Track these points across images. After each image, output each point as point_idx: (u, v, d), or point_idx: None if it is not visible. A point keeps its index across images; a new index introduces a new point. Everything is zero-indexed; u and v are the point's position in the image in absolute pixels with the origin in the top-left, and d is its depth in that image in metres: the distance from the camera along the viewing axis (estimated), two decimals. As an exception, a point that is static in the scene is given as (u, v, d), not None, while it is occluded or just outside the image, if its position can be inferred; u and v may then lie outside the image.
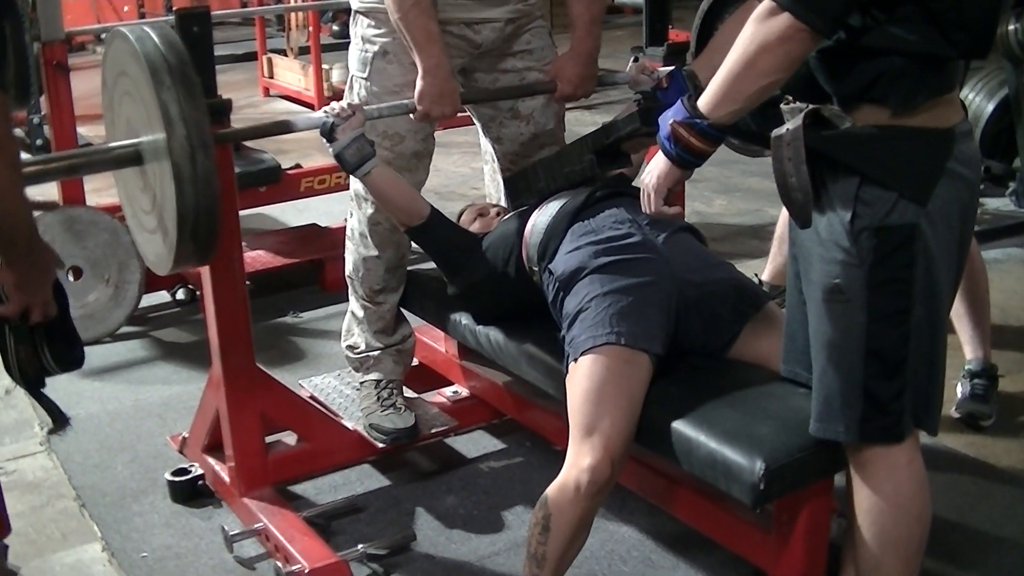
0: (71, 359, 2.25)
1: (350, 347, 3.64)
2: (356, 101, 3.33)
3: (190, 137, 2.43)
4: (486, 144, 3.63)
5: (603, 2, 3.40)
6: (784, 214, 2.32)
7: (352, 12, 3.38)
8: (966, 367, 3.82)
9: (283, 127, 3.09)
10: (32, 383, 2.23)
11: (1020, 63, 5.46)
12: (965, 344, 3.82)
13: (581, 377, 2.61)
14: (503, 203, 3.52)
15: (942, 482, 3.32)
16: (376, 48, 3.27)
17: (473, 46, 3.33)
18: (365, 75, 3.32)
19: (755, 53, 2.16)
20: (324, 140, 3.05)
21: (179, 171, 2.42)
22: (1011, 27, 5.23)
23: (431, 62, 3.08)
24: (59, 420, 2.31)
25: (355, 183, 3.36)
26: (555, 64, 3.38)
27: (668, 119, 2.37)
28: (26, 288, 2.04)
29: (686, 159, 2.40)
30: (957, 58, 2.21)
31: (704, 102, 2.30)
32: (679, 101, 2.36)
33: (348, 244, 3.53)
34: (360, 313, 3.58)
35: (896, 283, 2.21)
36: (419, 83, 3.10)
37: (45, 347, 2.19)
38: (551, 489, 2.57)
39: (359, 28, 3.35)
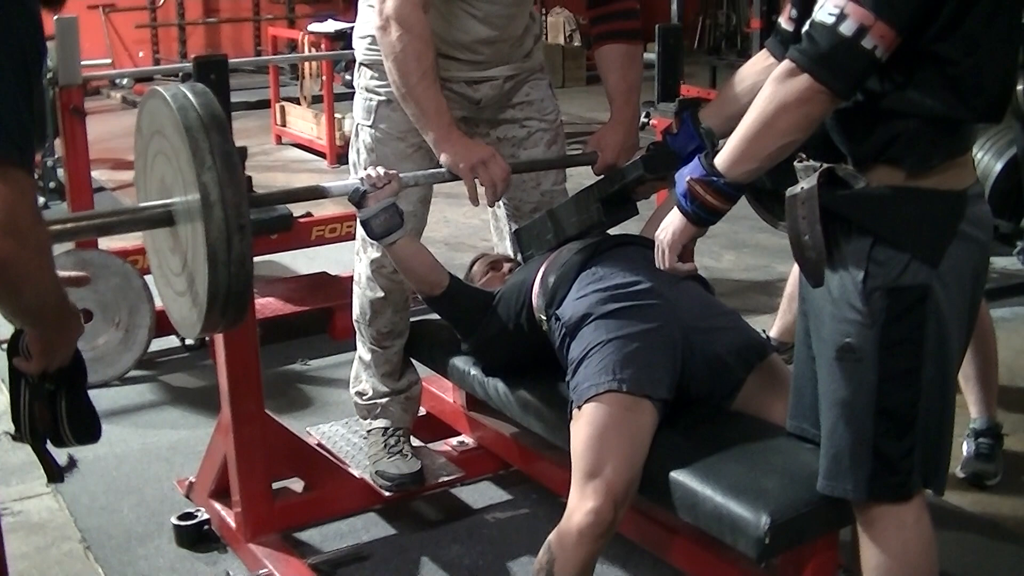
0: (89, 433, 2.24)
1: (358, 393, 3.65)
2: (361, 148, 3.37)
3: (228, 220, 2.38)
4: None
5: (639, 71, 3.38)
6: (796, 271, 2.33)
7: (356, 64, 3.41)
8: (971, 426, 3.81)
9: (316, 192, 3.05)
10: (38, 438, 2.22)
11: (1029, 123, 5.48)
12: (971, 403, 3.82)
13: (584, 424, 2.62)
14: (510, 252, 3.54)
15: (948, 540, 3.31)
16: (381, 97, 3.30)
17: (472, 102, 3.36)
18: (370, 123, 3.35)
19: (774, 113, 2.18)
20: (355, 206, 3.00)
21: (214, 254, 2.38)
22: (1020, 87, 5.26)
23: (441, 132, 3.05)
24: (55, 476, 2.29)
25: (360, 229, 3.39)
26: (596, 135, 3.35)
27: (685, 176, 2.39)
28: (51, 354, 2.03)
29: (702, 216, 2.41)
30: (973, 122, 2.23)
31: (721, 160, 2.31)
32: (696, 159, 2.38)
33: (355, 288, 3.55)
34: (367, 357, 3.60)
35: (908, 343, 2.22)
36: (441, 158, 3.06)
37: (65, 420, 2.18)
38: (554, 534, 2.57)
39: (363, 80, 3.38)
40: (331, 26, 9.07)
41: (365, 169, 3.27)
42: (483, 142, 3.22)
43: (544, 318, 2.95)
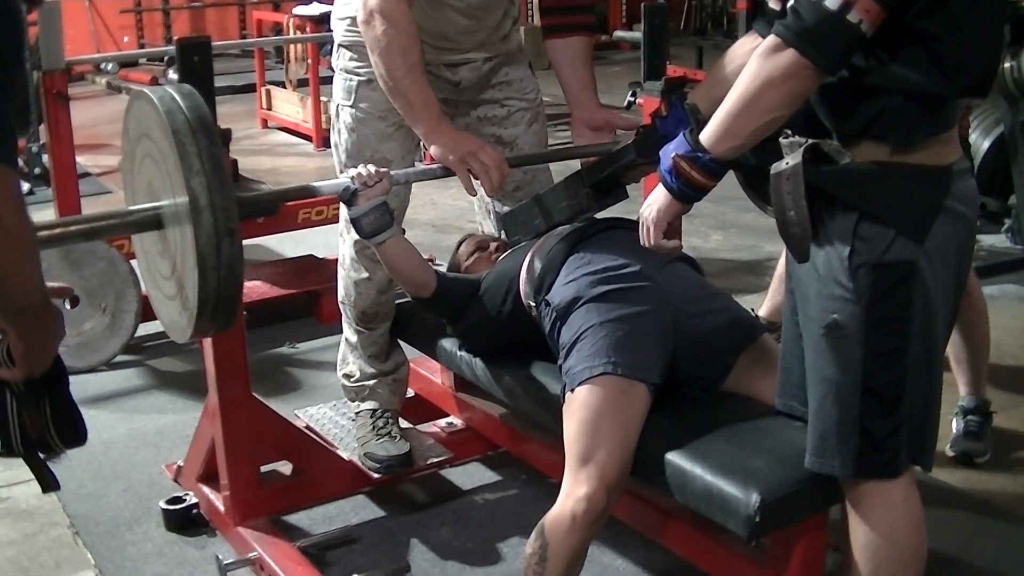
0: (76, 435, 2.21)
1: (346, 375, 3.64)
2: (343, 129, 3.36)
3: (217, 226, 2.35)
4: None
5: (591, 64, 3.43)
6: (786, 251, 2.33)
7: (335, 45, 3.40)
8: (960, 404, 3.82)
9: (306, 192, 3.02)
10: (31, 447, 2.18)
11: (1016, 101, 5.49)
12: (960, 382, 3.83)
13: (577, 407, 2.61)
14: (495, 232, 3.53)
15: (937, 518, 3.32)
16: (361, 77, 3.30)
17: (452, 84, 3.36)
18: (350, 103, 3.34)
19: (759, 89, 2.17)
20: (344, 204, 2.99)
21: (204, 260, 2.35)
22: (1007, 65, 5.27)
23: (430, 124, 3.03)
24: (51, 485, 2.25)
25: (344, 211, 3.38)
26: (582, 118, 3.36)
27: (670, 152, 2.37)
28: (35, 357, 1.99)
29: (687, 193, 2.39)
30: (958, 97, 2.22)
31: (706, 136, 2.30)
32: (681, 135, 2.36)
33: (339, 271, 3.55)
34: (353, 339, 3.59)
35: (893, 320, 2.22)
36: (431, 149, 3.05)
37: (50, 424, 2.15)
38: (547, 519, 2.57)
39: (342, 61, 3.38)
40: (316, 9, 8.99)
41: (347, 152, 3.27)
42: (471, 134, 3.20)
43: (533, 304, 2.94)
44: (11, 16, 1.74)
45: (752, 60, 2.19)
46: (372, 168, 2.94)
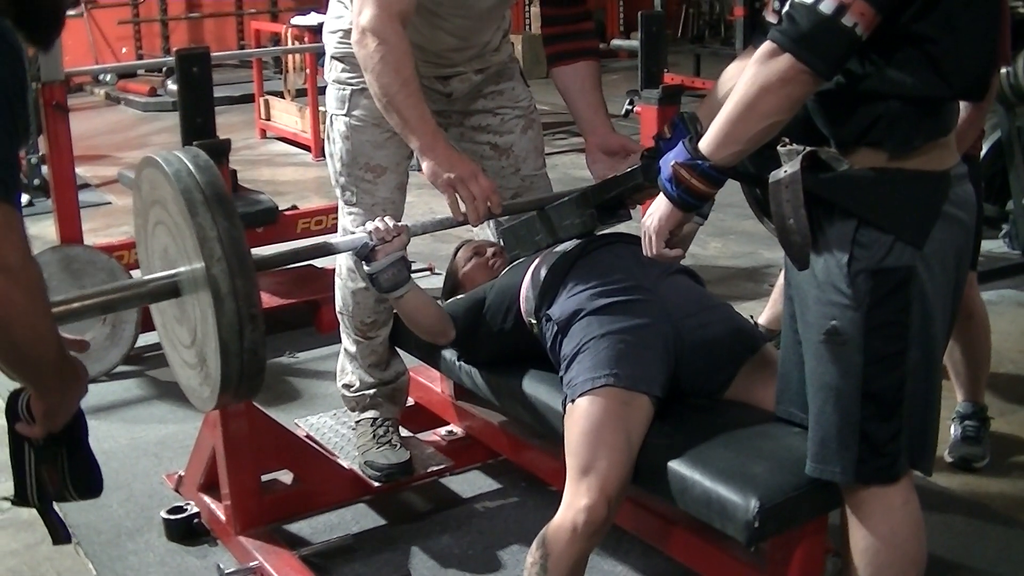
0: (92, 488, 2.18)
1: (346, 386, 3.65)
2: (337, 138, 3.36)
3: (239, 312, 2.33)
4: None
5: (600, 87, 3.42)
6: (785, 259, 2.33)
7: (328, 58, 3.41)
8: (957, 409, 3.83)
9: (322, 250, 2.99)
10: (47, 502, 2.17)
11: (1012, 107, 5.50)
12: (957, 387, 3.84)
13: (579, 418, 2.61)
14: (492, 237, 3.54)
15: (936, 523, 3.33)
16: (354, 87, 3.30)
17: (444, 96, 3.37)
18: (344, 111, 3.35)
19: (756, 95, 2.18)
20: (361, 260, 2.91)
21: (226, 346, 2.34)
22: (1003, 71, 5.27)
23: (426, 139, 2.99)
24: (63, 538, 2.24)
25: (342, 220, 3.39)
26: (597, 144, 3.32)
27: (669, 161, 2.38)
28: (57, 415, 1.95)
29: (688, 201, 2.39)
30: (954, 99, 2.24)
31: (705, 144, 2.30)
32: (680, 143, 2.36)
33: (337, 281, 3.55)
34: (353, 348, 3.60)
35: (893, 326, 2.23)
36: (424, 165, 3.00)
37: (68, 478, 2.11)
38: (548, 529, 2.57)
39: (334, 73, 3.38)
40: (314, 19, 9.02)
41: (342, 161, 3.27)
42: (453, 141, 3.20)
43: (534, 321, 2.94)
44: (14, 57, 1.72)
45: (749, 66, 2.20)
46: (391, 222, 2.90)
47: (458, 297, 3.27)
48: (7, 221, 1.66)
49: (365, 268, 2.91)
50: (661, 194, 2.44)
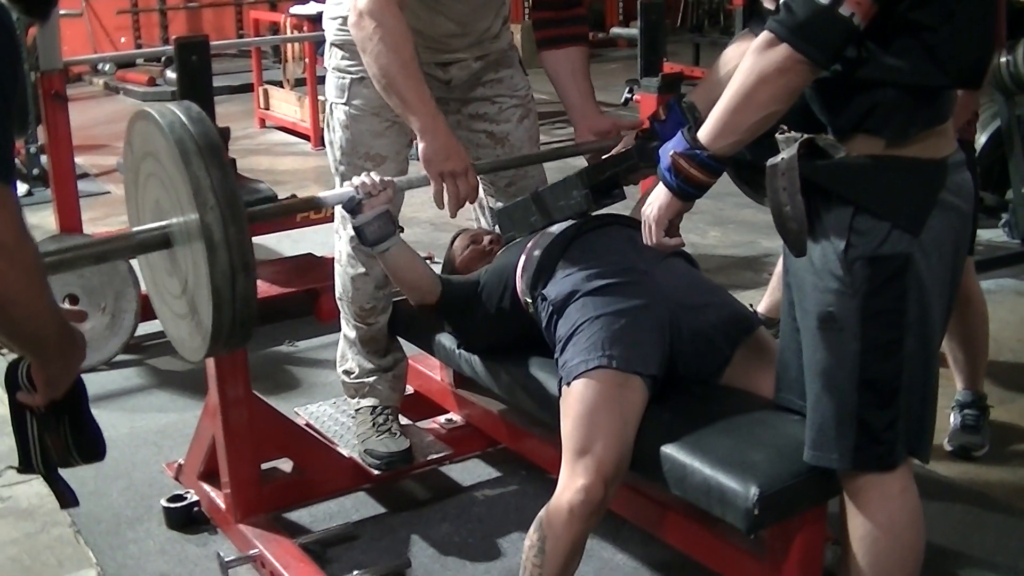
0: (94, 451, 2.20)
1: (345, 372, 3.65)
2: (336, 127, 3.37)
3: (232, 260, 2.32)
4: None
5: (589, 74, 3.46)
6: (783, 246, 2.34)
7: (327, 45, 3.41)
8: (956, 398, 3.83)
9: (311, 204, 3.03)
10: (52, 469, 2.18)
11: (1012, 96, 5.50)
12: (957, 376, 3.84)
13: (573, 401, 2.63)
14: (495, 227, 3.54)
15: (936, 511, 3.34)
16: (353, 75, 3.30)
17: (443, 83, 3.37)
18: (344, 100, 3.35)
19: (754, 85, 2.18)
20: (348, 214, 2.99)
21: (219, 294, 2.33)
22: (1003, 60, 5.28)
23: (427, 120, 3.00)
24: (70, 501, 2.25)
25: (340, 208, 3.39)
26: (586, 127, 3.39)
27: (668, 151, 2.38)
28: (59, 383, 1.98)
29: (687, 191, 2.40)
30: (951, 87, 2.24)
31: (704, 133, 2.31)
32: (679, 133, 2.37)
33: (336, 267, 3.56)
34: (352, 334, 3.61)
35: (889, 313, 2.23)
36: (420, 146, 3.01)
37: (71, 443, 2.14)
38: (545, 511, 2.58)
39: (334, 60, 3.38)
40: (313, 8, 8.99)
41: (342, 150, 3.28)
42: (462, 147, 3.21)
43: (529, 300, 2.95)
44: (7, 38, 1.72)
45: (747, 56, 2.20)
46: (376, 177, 2.94)
47: (454, 276, 3.30)
48: (4, 203, 1.66)
49: (352, 221, 2.97)
50: (660, 183, 2.44)
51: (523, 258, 3.01)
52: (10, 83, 1.72)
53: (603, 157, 3.17)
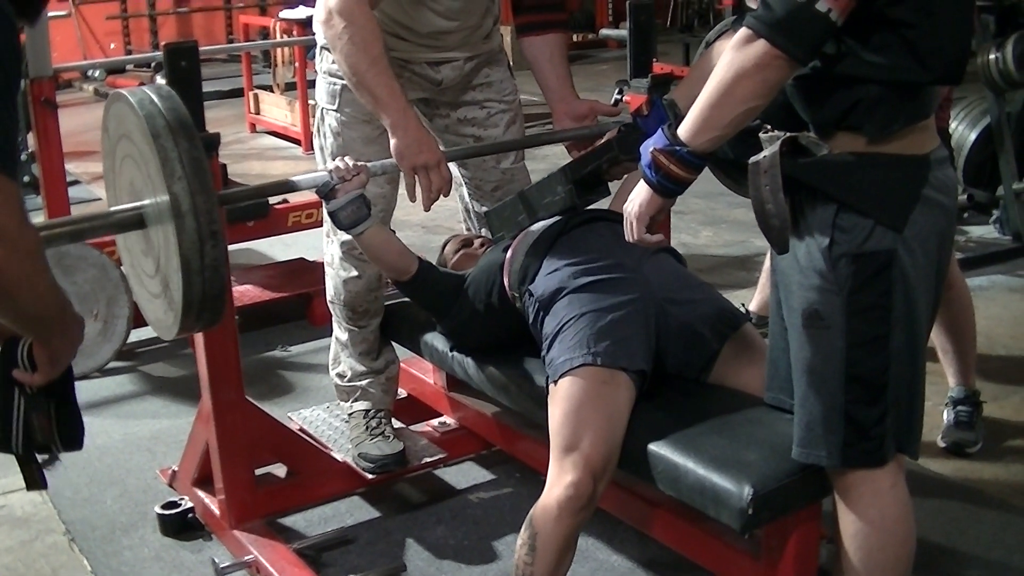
0: (75, 440, 2.21)
1: (338, 375, 3.66)
2: (327, 133, 3.38)
3: (200, 229, 2.35)
4: (454, 170, 3.65)
5: (567, 59, 3.51)
6: (769, 244, 2.35)
7: (318, 48, 3.40)
8: (949, 395, 3.83)
9: (285, 187, 3.05)
10: (31, 450, 2.19)
11: (1002, 92, 5.52)
12: (948, 372, 3.84)
13: (560, 398, 2.64)
14: (483, 231, 3.55)
15: (930, 507, 3.35)
16: (344, 81, 3.30)
17: (434, 83, 3.38)
18: (335, 107, 3.35)
19: (733, 80, 2.18)
20: (322, 198, 3.01)
21: (187, 263, 2.36)
22: (992, 56, 5.29)
23: (397, 116, 3.02)
24: (39, 483, 2.26)
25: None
26: (563, 111, 3.46)
27: (649, 147, 2.38)
28: (61, 359, 2.01)
29: (667, 187, 2.40)
30: (932, 83, 2.24)
31: (684, 130, 2.31)
32: (660, 129, 2.37)
33: (328, 271, 3.57)
34: (344, 337, 3.61)
35: (875, 309, 2.24)
36: (393, 141, 3.04)
37: (55, 428, 2.14)
38: (535, 509, 2.59)
39: (325, 64, 3.38)
40: (303, 12, 8.98)
41: (332, 156, 3.29)
42: (438, 132, 3.23)
43: (517, 295, 2.96)
44: (9, 30, 1.75)
45: (726, 52, 2.21)
46: (349, 161, 2.98)
47: (443, 268, 3.34)
48: (6, 192, 1.70)
49: (326, 206, 3.00)
50: (641, 180, 2.45)
51: (510, 253, 3.02)
52: (15, 75, 1.76)
53: (584, 152, 3.19)
